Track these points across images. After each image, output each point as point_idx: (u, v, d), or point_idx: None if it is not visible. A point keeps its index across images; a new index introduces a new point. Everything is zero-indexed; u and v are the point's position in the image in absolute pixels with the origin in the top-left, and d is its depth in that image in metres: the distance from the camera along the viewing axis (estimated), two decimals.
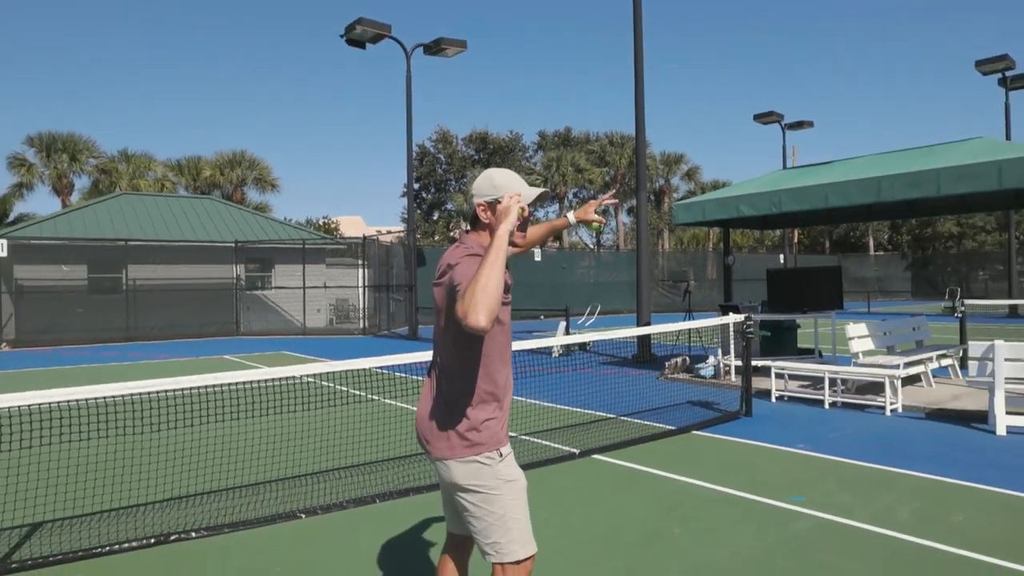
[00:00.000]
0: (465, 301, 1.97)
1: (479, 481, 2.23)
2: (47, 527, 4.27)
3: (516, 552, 2.23)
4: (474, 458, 2.23)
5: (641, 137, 12.55)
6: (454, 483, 2.26)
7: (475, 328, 1.95)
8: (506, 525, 2.23)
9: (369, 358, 4.82)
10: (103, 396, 3.83)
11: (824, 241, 47.00)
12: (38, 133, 31.32)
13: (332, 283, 24.16)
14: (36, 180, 31.59)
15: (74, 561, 3.74)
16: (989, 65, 22.15)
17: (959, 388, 8.32)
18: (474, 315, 1.94)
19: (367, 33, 18.17)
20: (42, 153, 31.30)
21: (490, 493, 2.23)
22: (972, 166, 7.24)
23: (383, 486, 4.97)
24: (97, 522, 4.34)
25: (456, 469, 2.24)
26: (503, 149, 43.78)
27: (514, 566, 2.23)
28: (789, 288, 9.43)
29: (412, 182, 19.83)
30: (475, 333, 1.99)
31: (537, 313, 23.18)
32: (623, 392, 8.97)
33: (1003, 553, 3.62)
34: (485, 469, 2.24)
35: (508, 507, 2.24)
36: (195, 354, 15.37)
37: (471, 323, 1.95)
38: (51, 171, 31.46)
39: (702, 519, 4.24)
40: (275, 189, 37.17)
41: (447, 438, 2.25)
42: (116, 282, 20.27)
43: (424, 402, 2.36)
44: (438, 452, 2.26)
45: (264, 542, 4.00)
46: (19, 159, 31.01)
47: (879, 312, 25.41)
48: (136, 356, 15.07)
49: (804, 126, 28.95)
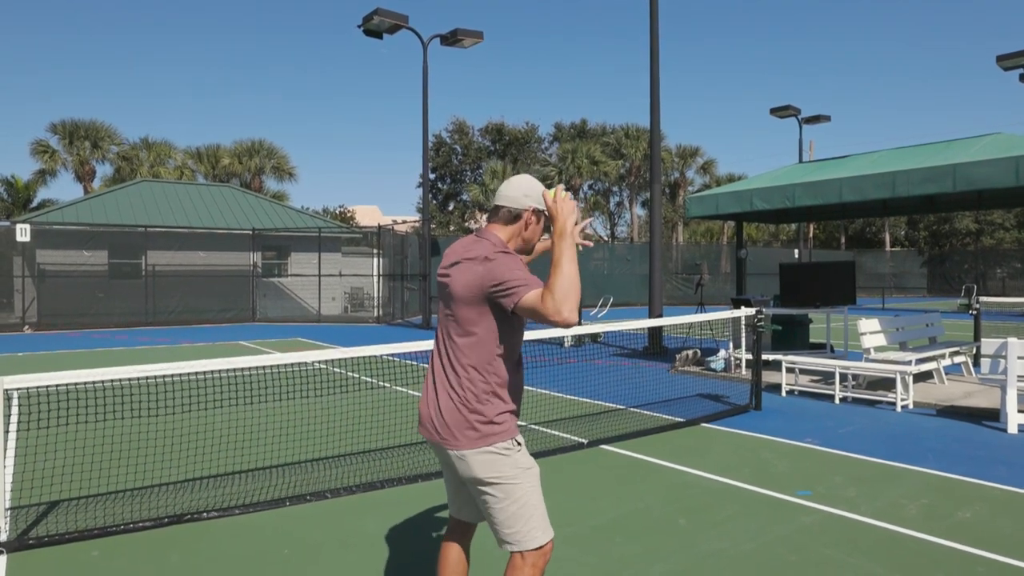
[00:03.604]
0: (557, 298, 2.04)
1: (499, 472, 2.25)
2: (63, 505, 4.38)
3: (537, 538, 2.26)
4: (491, 449, 2.24)
5: (656, 129, 12.50)
6: (473, 476, 2.27)
7: (568, 323, 2.05)
8: (527, 513, 2.25)
9: (380, 345, 4.88)
10: (120, 379, 3.92)
11: (840, 236, 46.51)
12: (61, 120, 31.81)
13: (347, 271, 24.32)
14: (59, 167, 32.08)
15: (89, 539, 3.83)
16: (1011, 60, 21.77)
17: (971, 385, 8.25)
18: (570, 313, 2.05)
19: (384, 23, 18.20)
20: (65, 140, 31.72)
21: (510, 483, 2.25)
22: (988, 162, 7.16)
23: (391, 472, 5.04)
24: (112, 502, 4.44)
25: (475, 461, 2.24)
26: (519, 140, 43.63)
27: (534, 552, 2.25)
28: (802, 282, 9.38)
29: (427, 172, 19.88)
30: (561, 326, 2.08)
31: None
32: (633, 384, 8.99)
33: (1011, 551, 3.62)
34: (504, 459, 2.25)
35: (528, 495, 2.27)
36: (212, 339, 15.57)
37: (566, 318, 2.04)
38: (73, 158, 31.89)
39: (708, 511, 4.27)
40: (292, 178, 37.42)
41: (465, 432, 2.25)
42: (136, 268, 20.56)
43: (431, 396, 2.34)
44: (454, 445, 2.26)
45: (274, 524, 4.08)
46: (43, 145, 31.45)
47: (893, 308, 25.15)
48: (154, 340, 15.30)
49: (821, 120, 28.56)
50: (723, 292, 29.53)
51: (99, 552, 3.68)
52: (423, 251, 20.07)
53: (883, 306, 27.16)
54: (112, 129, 32.64)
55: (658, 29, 12.34)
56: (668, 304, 26.69)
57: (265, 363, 4.44)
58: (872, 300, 31.56)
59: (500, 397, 2.29)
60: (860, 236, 46.78)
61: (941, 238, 44.30)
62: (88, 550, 3.70)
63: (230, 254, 21.96)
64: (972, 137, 8.76)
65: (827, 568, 3.44)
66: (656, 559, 3.56)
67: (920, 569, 3.42)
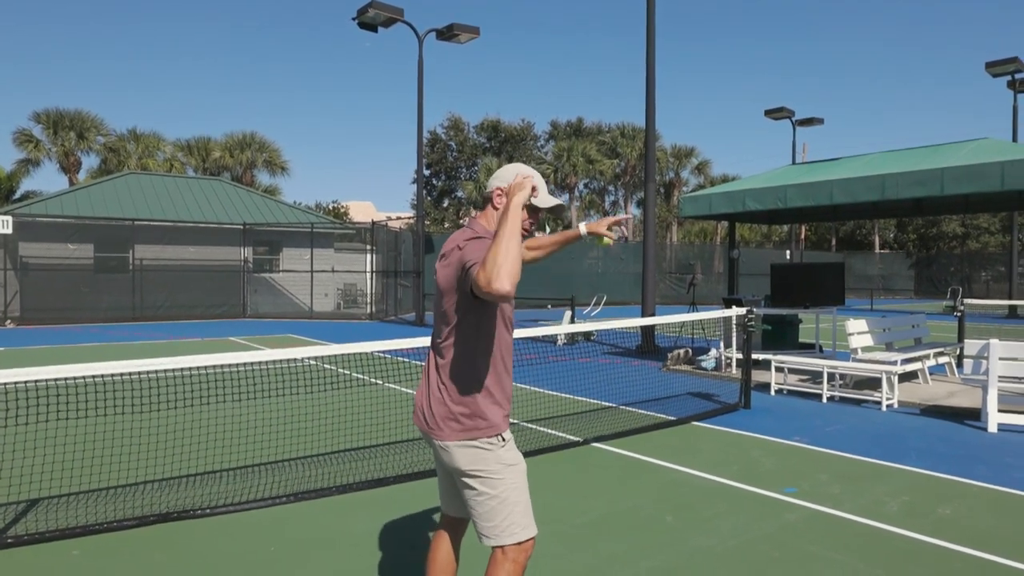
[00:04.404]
0: (487, 268, 1.98)
1: (482, 466, 2.27)
2: (44, 503, 4.29)
3: (516, 534, 2.26)
4: (474, 443, 2.27)
5: (651, 129, 12.54)
6: (456, 468, 2.30)
7: (499, 293, 1.97)
8: (507, 508, 2.27)
9: (372, 342, 4.88)
10: (103, 374, 3.82)
11: (831, 238, 46.83)
12: (45, 109, 31.28)
13: (340, 268, 24.25)
14: (43, 157, 31.64)
15: (71, 538, 3.74)
16: (999, 67, 22.06)
17: (955, 385, 8.35)
18: (498, 280, 1.96)
19: (379, 16, 18.13)
20: (49, 130, 31.26)
21: (492, 477, 2.27)
22: (976, 166, 7.24)
23: (381, 471, 5.05)
24: (95, 500, 4.37)
25: (457, 454, 2.27)
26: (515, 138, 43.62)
27: (515, 547, 2.27)
28: (792, 283, 9.46)
29: (422, 167, 19.84)
30: (499, 300, 2.02)
31: (544, 302, 23.23)
32: (625, 382, 9.04)
33: (989, 547, 3.68)
34: (487, 454, 2.27)
35: (510, 490, 2.28)
36: (201, 335, 15.50)
37: (496, 288, 1.96)
38: (58, 148, 31.46)
39: (696, 508, 4.31)
40: (285, 172, 37.26)
41: (449, 423, 2.28)
42: (123, 262, 20.38)
43: (423, 386, 2.39)
44: (439, 436, 2.29)
45: (262, 522, 4.07)
46: (25, 135, 30.96)
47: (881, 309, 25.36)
48: (141, 336, 15.22)
49: (814, 123, 28.79)
50: (716, 292, 29.69)
51: (80, 551, 3.61)
52: (417, 248, 20.05)
53: (872, 307, 27.37)
54: (99, 119, 32.31)
55: (655, 29, 12.38)
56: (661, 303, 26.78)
57: (254, 359, 4.41)
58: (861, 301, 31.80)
59: (486, 391, 2.30)
60: (851, 238, 47.12)
61: (929, 241, 44.69)
62: (69, 549, 3.63)
63: (220, 249, 21.82)
64: (961, 142, 8.85)
65: (810, 564, 3.49)
66: (643, 556, 3.60)
67: (901, 565, 3.47)
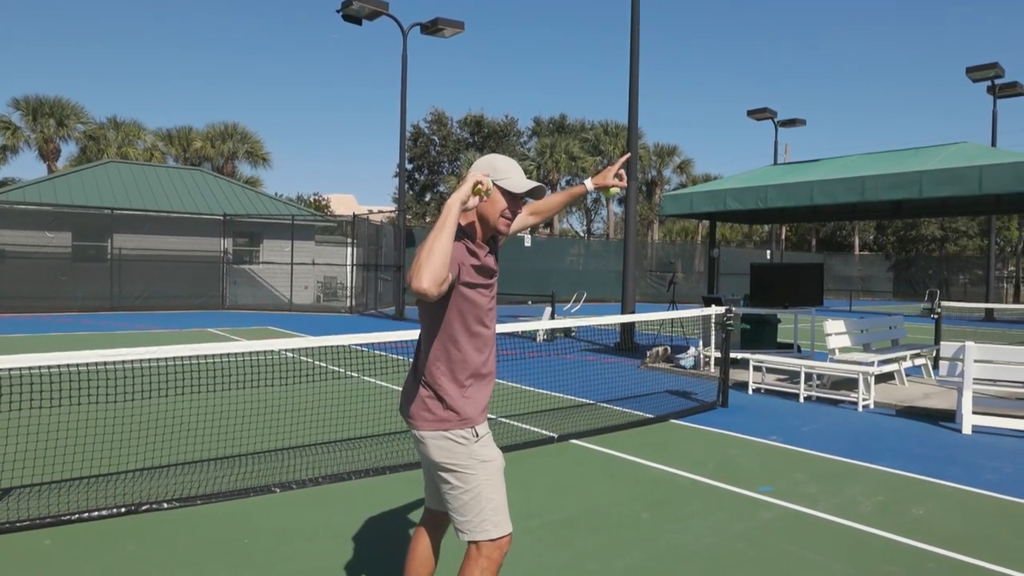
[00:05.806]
0: (413, 267, 2.03)
1: (454, 460, 2.26)
2: (15, 493, 4.26)
3: (489, 531, 2.25)
4: (446, 434, 2.26)
5: (634, 127, 12.56)
6: (432, 460, 2.30)
7: (418, 291, 2.01)
8: (480, 505, 2.26)
9: (350, 335, 4.84)
10: (78, 363, 3.81)
11: (811, 239, 47.31)
12: (24, 96, 30.80)
13: (321, 260, 24.06)
14: (21, 144, 31.07)
15: (42, 528, 3.73)
16: (980, 72, 22.37)
17: (930, 387, 8.47)
18: (416, 279, 2.00)
19: (364, 9, 17.99)
20: (28, 116, 30.72)
21: (466, 472, 2.26)
22: (954, 170, 7.33)
23: (358, 463, 5.01)
24: (67, 490, 4.33)
25: (432, 445, 2.27)
26: (498, 134, 43.52)
27: (489, 544, 2.26)
28: (771, 283, 9.53)
29: (404, 161, 19.72)
30: (421, 297, 2.05)
31: (525, 298, 23.22)
32: (604, 379, 9.05)
33: (959, 546, 3.73)
34: (460, 448, 2.26)
35: (483, 486, 2.27)
36: (179, 326, 15.30)
37: (414, 287, 2.01)
38: (37, 135, 30.93)
39: (671, 505, 4.32)
40: (266, 163, 36.85)
41: (421, 412, 2.29)
42: (101, 251, 20.07)
43: (408, 376, 2.43)
44: (414, 425, 2.31)
45: (236, 514, 4.03)
46: (4, 121, 30.41)
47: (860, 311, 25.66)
48: (118, 326, 14.98)
49: (796, 123, 29.04)
50: (696, 291, 29.86)
51: (51, 540, 3.59)
52: (398, 241, 19.95)
53: (851, 308, 27.70)
54: (78, 107, 31.77)
55: (639, 27, 12.39)
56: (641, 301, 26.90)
57: (231, 350, 4.36)
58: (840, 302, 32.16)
59: (458, 384, 2.29)
60: (831, 239, 47.64)
61: (908, 244, 45.32)
62: (40, 539, 3.61)
63: (200, 239, 21.55)
64: (940, 145, 8.95)
65: (783, 562, 3.51)
66: (618, 553, 3.59)
67: (873, 564, 3.50)
